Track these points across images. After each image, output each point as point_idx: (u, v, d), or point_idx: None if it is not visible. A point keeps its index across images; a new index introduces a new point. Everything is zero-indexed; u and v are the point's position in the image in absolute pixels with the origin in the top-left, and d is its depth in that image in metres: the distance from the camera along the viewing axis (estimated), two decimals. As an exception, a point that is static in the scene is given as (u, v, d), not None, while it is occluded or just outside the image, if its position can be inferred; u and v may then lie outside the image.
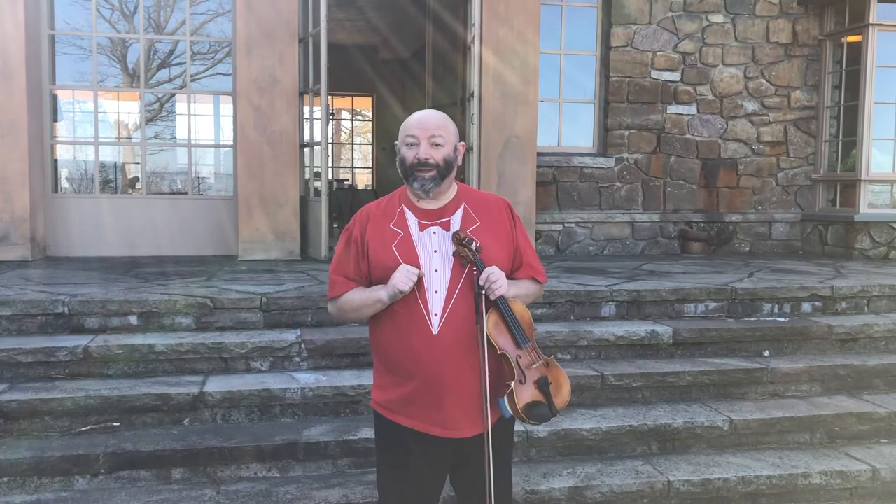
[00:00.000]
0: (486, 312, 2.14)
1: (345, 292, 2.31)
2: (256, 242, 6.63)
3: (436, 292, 2.19)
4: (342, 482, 3.40)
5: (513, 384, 2.13)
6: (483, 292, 2.12)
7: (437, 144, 2.21)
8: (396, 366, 2.27)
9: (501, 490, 2.39)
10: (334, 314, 2.41)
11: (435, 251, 2.23)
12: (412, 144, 2.22)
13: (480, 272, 2.14)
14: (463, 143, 2.33)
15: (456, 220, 2.26)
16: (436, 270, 2.20)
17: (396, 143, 2.32)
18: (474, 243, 2.16)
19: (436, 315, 2.18)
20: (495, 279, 2.13)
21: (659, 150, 8.00)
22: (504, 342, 2.15)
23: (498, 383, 2.20)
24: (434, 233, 2.25)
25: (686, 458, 3.81)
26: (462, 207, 2.29)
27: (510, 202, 2.44)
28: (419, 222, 2.26)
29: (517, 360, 2.15)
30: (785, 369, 4.43)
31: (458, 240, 2.17)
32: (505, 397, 2.14)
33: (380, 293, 2.19)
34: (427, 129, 2.22)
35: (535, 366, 2.17)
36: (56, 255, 6.71)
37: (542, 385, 2.15)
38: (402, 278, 2.14)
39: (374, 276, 2.26)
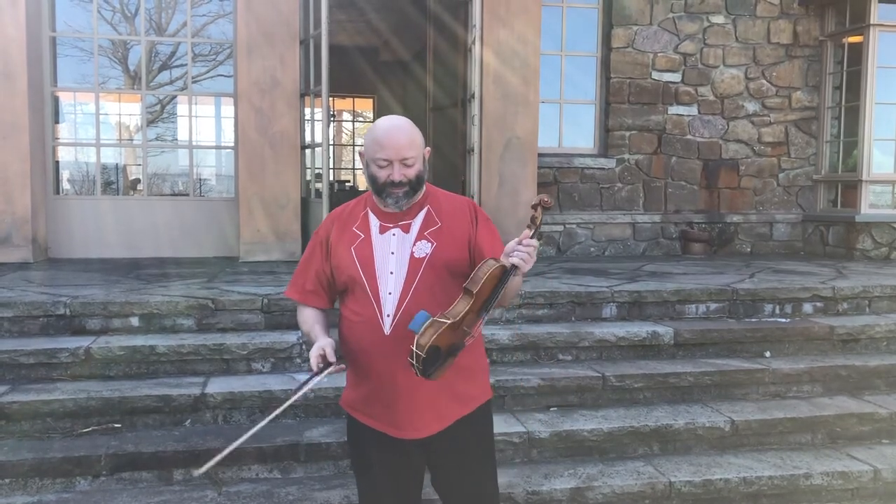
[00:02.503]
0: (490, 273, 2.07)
1: (298, 301, 2.38)
2: (257, 244, 6.64)
3: (389, 293, 2.20)
4: (343, 483, 3.40)
5: (449, 321, 2.03)
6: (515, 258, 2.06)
7: (408, 166, 2.18)
8: (355, 365, 2.30)
9: (482, 490, 2.38)
10: (298, 322, 2.45)
11: (392, 253, 2.23)
12: (383, 167, 2.18)
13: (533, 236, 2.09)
14: (429, 148, 2.30)
15: (417, 223, 2.26)
16: (391, 272, 2.21)
17: (361, 150, 2.28)
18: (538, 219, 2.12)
19: (388, 316, 2.19)
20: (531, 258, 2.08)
21: (660, 150, 8.00)
22: (483, 293, 2.07)
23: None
24: (393, 234, 2.25)
25: (687, 458, 3.81)
26: (425, 209, 2.29)
27: (477, 203, 2.41)
28: (381, 225, 2.27)
29: (473, 312, 2.07)
30: (786, 370, 4.42)
31: (535, 206, 2.12)
32: (432, 320, 2.02)
33: (313, 343, 2.24)
34: (398, 150, 2.16)
35: (468, 333, 2.09)
36: (57, 257, 6.71)
37: (453, 349, 2.08)
38: (313, 356, 2.18)
39: (337, 279, 2.29)
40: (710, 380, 4.31)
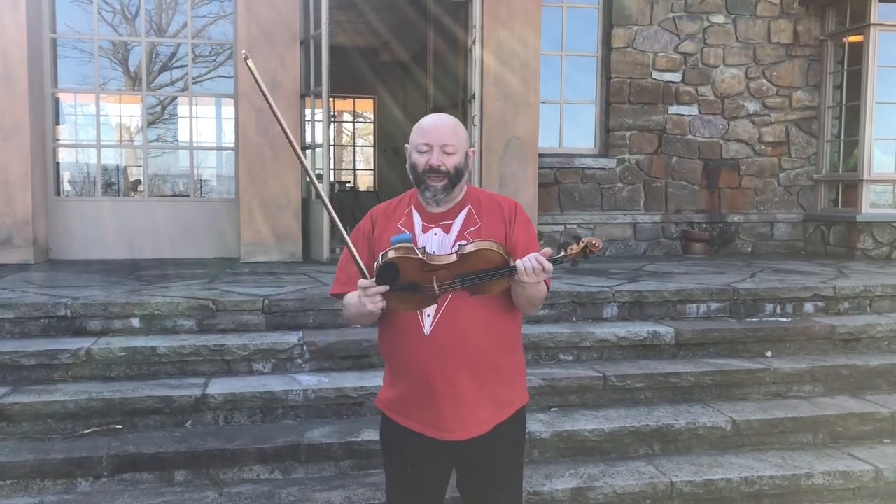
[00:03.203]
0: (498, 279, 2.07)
1: (344, 292, 2.31)
2: (258, 245, 6.64)
3: None
4: (344, 484, 3.40)
5: (422, 257, 2.04)
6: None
7: (448, 153, 2.20)
8: (393, 365, 2.30)
9: (509, 496, 2.37)
10: (344, 316, 2.40)
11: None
12: (424, 152, 2.22)
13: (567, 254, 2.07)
14: (473, 148, 2.32)
15: (458, 223, 2.25)
16: None
17: (406, 146, 2.31)
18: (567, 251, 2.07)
19: (428, 316, 2.17)
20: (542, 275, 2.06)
21: (660, 150, 7.99)
22: (467, 263, 2.05)
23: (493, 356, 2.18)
24: (435, 234, 2.25)
25: (688, 458, 3.81)
26: (466, 210, 2.28)
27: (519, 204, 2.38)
28: (423, 224, 2.26)
29: (448, 272, 2.05)
30: (787, 370, 4.42)
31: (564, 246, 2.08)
32: (410, 245, 2.04)
33: (368, 307, 2.14)
34: (440, 136, 2.21)
35: (432, 288, 2.06)
36: (58, 258, 6.71)
37: (411, 286, 2.05)
38: (365, 302, 2.10)
39: None
40: (711, 380, 4.30)
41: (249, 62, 2.02)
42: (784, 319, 5.01)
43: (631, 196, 7.96)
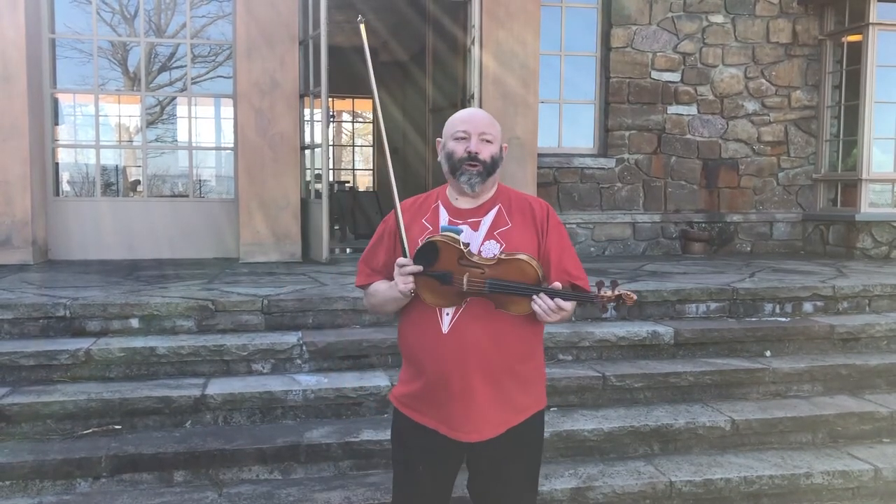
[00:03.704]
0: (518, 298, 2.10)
1: (368, 283, 2.34)
2: (257, 245, 6.64)
3: None
4: (344, 484, 3.40)
5: (464, 251, 2.10)
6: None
7: (486, 141, 2.21)
8: (411, 361, 2.30)
9: (519, 498, 2.34)
10: (366, 306, 2.44)
11: None
12: (462, 139, 2.22)
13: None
14: (506, 144, 2.32)
15: (487, 221, 2.23)
16: None
17: (439, 139, 2.31)
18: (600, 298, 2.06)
19: (447, 314, 2.17)
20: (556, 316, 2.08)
21: (659, 150, 8.00)
22: (505, 272, 2.09)
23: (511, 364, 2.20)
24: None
25: (688, 458, 3.81)
26: (497, 208, 2.26)
27: (549, 206, 2.36)
28: (450, 219, 2.24)
29: (482, 275, 2.09)
30: (786, 369, 4.42)
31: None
32: (455, 237, 2.11)
33: (400, 286, 2.16)
34: (478, 125, 2.23)
35: (461, 282, 2.09)
36: (57, 259, 6.71)
37: (444, 276, 2.10)
38: (399, 280, 2.14)
39: None
40: (710, 379, 4.30)
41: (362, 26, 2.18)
42: (783, 319, 5.01)
43: (630, 196, 7.96)
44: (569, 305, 2.08)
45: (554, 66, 7.82)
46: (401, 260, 2.14)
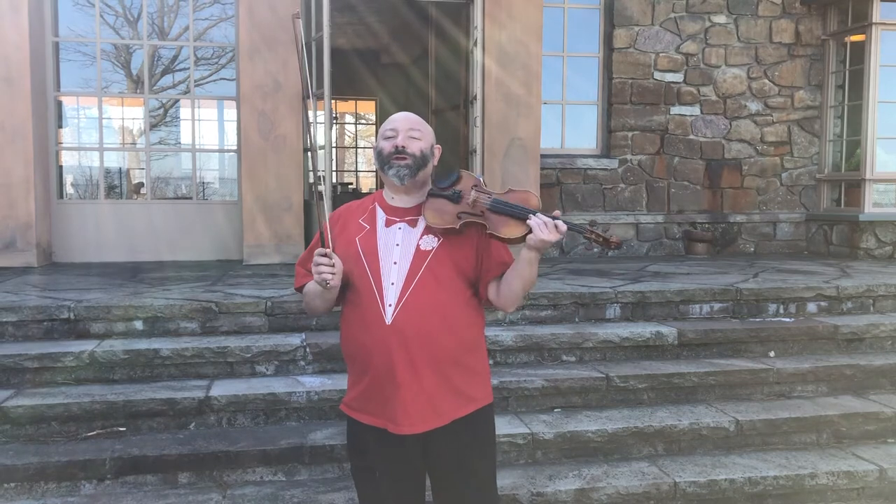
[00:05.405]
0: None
1: (304, 284, 2.38)
2: (260, 247, 6.64)
3: (392, 284, 2.21)
4: (348, 486, 3.39)
5: (475, 180, 2.31)
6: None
7: (415, 138, 2.28)
8: (355, 360, 2.31)
9: (481, 498, 2.35)
10: (305, 307, 2.47)
11: (397, 245, 2.26)
12: (390, 137, 2.29)
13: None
14: (439, 146, 2.39)
15: (423, 220, 2.28)
16: (394, 262, 2.23)
17: (373, 140, 2.39)
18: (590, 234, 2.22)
19: (390, 306, 2.19)
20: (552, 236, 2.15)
21: (662, 151, 7.99)
22: (495, 218, 2.23)
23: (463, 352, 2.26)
24: (399, 228, 2.29)
25: (692, 459, 3.80)
26: None
27: None
28: (387, 219, 2.31)
29: (481, 209, 2.23)
30: (790, 370, 4.41)
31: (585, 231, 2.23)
32: (469, 175, 2.32)
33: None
34: (406, 123, 2.31)
35: (471, 201, 2.24)
36: (61, 261, 6.73)
37: (454, 196, 2.26)
38: (314, 270, 2.19)
39: (344, 268, 2.27)
40: (714, 380, 4.30)
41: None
42: (787, 319, 5.00)
43: (633, 196, 7.96)
44: (563, 227, 2.14)
45: (556, 67, 7.81)
46: (320, 249, 2.20)
